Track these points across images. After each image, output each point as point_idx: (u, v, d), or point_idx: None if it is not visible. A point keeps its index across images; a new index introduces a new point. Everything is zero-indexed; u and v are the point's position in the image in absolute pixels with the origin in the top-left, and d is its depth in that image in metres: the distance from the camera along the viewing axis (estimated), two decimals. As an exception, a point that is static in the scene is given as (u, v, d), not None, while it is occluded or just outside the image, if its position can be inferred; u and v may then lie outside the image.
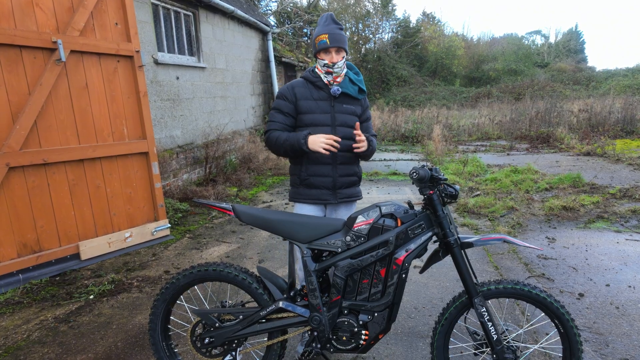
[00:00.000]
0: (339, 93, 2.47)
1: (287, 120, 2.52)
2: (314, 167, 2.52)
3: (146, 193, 3.54)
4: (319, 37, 2.41)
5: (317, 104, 2.48)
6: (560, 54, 33.35)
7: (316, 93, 2.50)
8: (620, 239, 4.54)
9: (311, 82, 2.52)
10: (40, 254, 2.90)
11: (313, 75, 2.52)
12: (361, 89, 2.57)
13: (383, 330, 2.09)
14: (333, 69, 2.44)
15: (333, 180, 2.53)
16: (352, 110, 2.54)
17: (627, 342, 2.75)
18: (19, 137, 2.74)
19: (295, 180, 2.63)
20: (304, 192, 2.58)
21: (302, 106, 2.48)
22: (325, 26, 2.42)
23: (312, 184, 2.54)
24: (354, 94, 2.53)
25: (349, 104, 2.53)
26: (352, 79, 2.55)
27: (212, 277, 2.22)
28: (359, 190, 2.71)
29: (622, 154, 9.07)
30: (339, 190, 2.57)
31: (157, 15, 6.64)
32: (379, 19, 29.38)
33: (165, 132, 6.61)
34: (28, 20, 2.76)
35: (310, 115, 2.48)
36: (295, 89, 2.51)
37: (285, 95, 2.51)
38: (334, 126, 2.49)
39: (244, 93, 9.79)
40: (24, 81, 2.78)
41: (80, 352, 2.80)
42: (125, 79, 3.36)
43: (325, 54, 2.43)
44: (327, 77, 2.48)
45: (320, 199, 2.55)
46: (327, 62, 2.42)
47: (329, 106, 2.49)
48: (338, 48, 2.42)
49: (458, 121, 15.33)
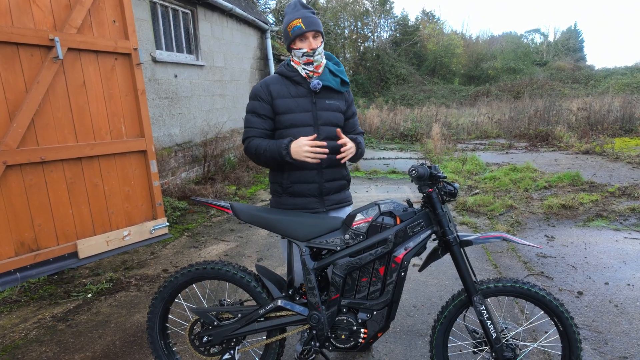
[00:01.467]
0: (319, 87, 2.21)
1: (265, 123, 2.23)
2: (297, 174, 2.26)
3: (144, 191, 3.53)
4: (291, 24, 2.16)
5: (297, 102, 2.21)
6: (559, 52, 33.36)
7: (294, 89, 2.23)
8: (619, 237, 4.54)
9: (287, 77, 2.24)
10: (38, 253, 2.89)
11: (289, 69, 2.25)
12: (343, 80, 2.30)
13: (382, 328, 2.08)
14: (314, 57, 2.17)
15: (319, 186, 2.28)
16: (336, 107, 2.29)
17: (626, 340, 2.75)
18: (16, 135, 2.72)
19: (276, 188, 2.35)
20: (287, 202, 2.32)
21: (279, 106, 2.20)
22: (294, 12, 2.18)
23: (296, 192, 2.29)
24: (336, 87, 2.27)
25: (331, 99, 2.28)
26: (332, 70, 2.28)
27: (211, 276, 2.21)
28: (349, 194, 2.47)
29: (621, 152, 9.07)
30: (326, 197, 2.33)
31: (155, 13, 6.62)
32: (378, 17, 29.36)
33: (164, 131, 6.59)
34: (25, 18, 2.74)
35: (289, 116, 2.20)
36: (270, 87, 2.22)
37: (259, 95, 2.22)
38: (316, 126, 2.23)
39: (243, 91, 9.77)
40: (21, 79, 2.76)
41: (78, 351, 2.79)
42: (123, 76, 3.34)
43: (302, 41, 2.17)
44: (307, 68, 2.20)
45: (307, 207, 2.30)
46: (305, 49, 2.16)
47: (309, 103, 2.23)
48: (315, 32, 2.17)
49: (457, 120, 15.33)
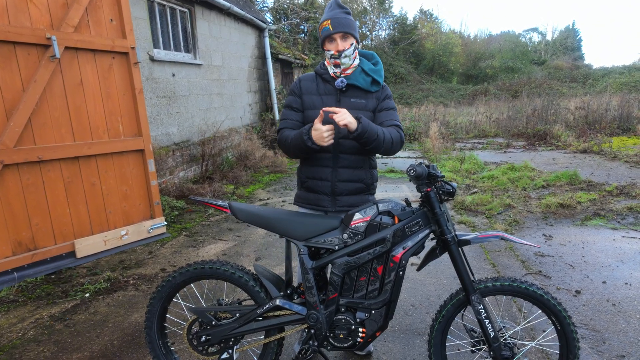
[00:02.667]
0: (343, 86, 2.21)
1: (297, 116, 2.29)
2: (312, 169, 2.31)
3: (142, 191, 3.52)
4: (322, 25, 2.16)
5: (322, 99, 2.25)
6: (557, 51, 33.40)
7: (323, 87, 2.27)
8: (616, 236, 4.55)
9: (320, 75, 2.30)
10: (36, 252, 2.88)
11: (322, 67, 2.31)
12: (375, 80, 2.25)
13: (380, 327, 2.08)
14: (340, 60, 2.15)
15: (332, 185, 2.27)
16: (363, 105, 2.24)
17: (623, 338, 2.76)
18: (13, 135, 2.71)
19: (298, 182, 2.45)
20: (303, 196, 2.40)
21: (306, 101, 2.27)
22: (328, 12, 2.17)
23: (310, 188, 2.34)
24: (364, 87, 2.23)
25: (358, 97, 2.24)
26: (366, 69, 2.24)
27: (209, 275, 2.21)
28: (366, 199, 2.35)
29: (619, 151, 9.09)
30: (338, 197, 2.29)
31: (152, 11, 6.60)
32: (376, 16, 29.34)
33: (161, 130, 6.58)
34: (22, 16, 2.73)
35: (313, 112, 2.23)
36: (302, 83, 2.31)
37: (294, 89, 2.33)
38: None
39: (241, 90, 9.75)
40: (17, 78, 2.75)
41: (76, 351, 2.78)
42: (121, 75, 3.33)
43: (330, 42, 2.16)
44: (335, 70, 2.21)
45: (318, 204, 2.32)
46: (332, 51, 2.15)
47: (334, 101, 2.24)
48: (344, 34, 2.13)
49: (455, 119, 15.34)
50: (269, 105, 11.38)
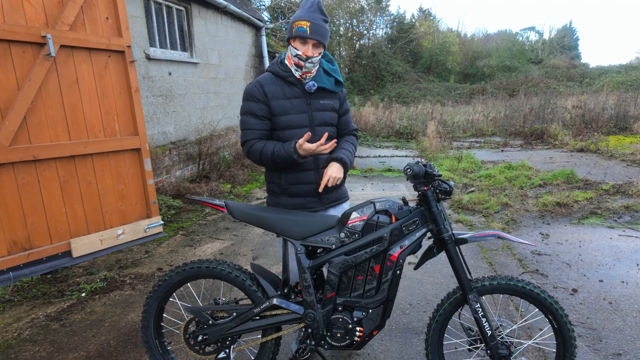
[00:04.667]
0: (314, 89, 2.21)
1: (263, 124, 2.21)
2: (294, 175, 2.27)
3: (138, 190, 3.51)
4: (298, 22, 2.08)
5: (292, 103, 2.20)
6: (554, 50, 33.45)
7: (289, 90, 2.21)
8: (613, 234, 4.56)
9: (281, 77, 2.22)
10: (31, 252, 2.86)
11: (283, 68, 2.22)
12: (337, 80, 2.29)
13: (377, 326, 2.08)
14: (305, 64, 2.13)
15: (317, 186, 2.29)
16: (331, 106, 2.29)
17: (620, 337, 2.77)
18: (8, 133, 2.69)
19: (274, 188, 2.35)
20: (286, 202, 2.32)
21: (275, 107, 2.18)
22: (308, 12, 2.10)
23: (294, 193, 2.30)
24: (330, 88, 2.27)
25: (326, 98, 2.28)
26: (327, 69, 2.26)
27: (205, 275, 2.20)
28: (345, 190, 2.49)
29: (616, 150, 9.12)
30: (324, 196, 2.34)
31: (148, 9, 6.57)
32: (373, 14, 29.31)
33: (158, 129, 6.56)
34: (17, 15, 2.71)
35: (285, 117, 2.19)
36: (265, 87, 2.19)
37: (255, 95, 2.18)
38: (312, 127, 2.24)
39: (238, 89, 9.73)
40: (12, 76, 2.73)
41: (72, 350, 2.77)
42: (117, 74, 3.31)
43: (302, 43, 2.11)
44: (297, 71, 2.19)
45: (306, 207, 2.32)
46: (300, 53, 2.11)
47: (304, 104, 2.22)
48: (318, 42, 2.11)
49: (452, 117, 15.36)
50: (266, 104, 11.34)
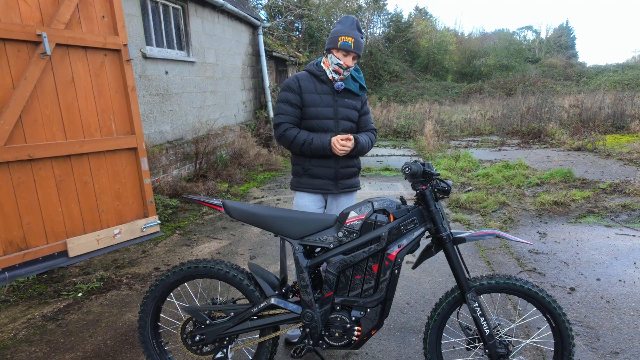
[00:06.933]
0: (342, 89, 2.59)
1: (296, 112, 2.59)
2: (318, 160, 2.63)
3: (135, 189, 3.49)
4: (344, 38, 2.48)
5: (321, 98, 2.59)
6: (551, 49, 33.54)
7: (320, 87, 2.60)
8: (610, 233, 4.57)
9: (315, 75, 2.61)
10: (27, 252, 2.84)
11: (318, 69, 2.62)
12: (362, 86, 2.70)
13: (375, 326, 2.08)
14: (343, 72, 2.55)
15: (335, 171, 2.63)
16: (353, 105, 2.67)
17: (617, 335, 2.77)
18: (4, 133, 2.67)
19: (298, 170, 2.71)
20: (307, 182, 2.67)
21: (307, 99, 2.58)
22: (351, 30, 2.51)
23: (315, 174, 2.65)
24: (355, 91, 2.66)
25: (350, 99, 2.66)
26: (354, 76, 2.67)
27: (203, 274, 2.19)
28: (358, 180, 2.83)
29: (613, 149, 9.15)
30: (340, 181, 2.67)
31: (145, 8, 6.54)
32: (371, 13, 29.30)
33: (155, 128, 6.53)
34: (11, 13, 2.69)
35: (314, 109, 2.58)
36: (300, 82, 2.59)
37: (291, 86, 2.59)
38: (336, 119, 2.61)
39: (235, 88, 9.71)
40: (7, 75, 2.71)
41: (68, 351, 2.76)
42: (113, 73, 3.29)
43: (344, 55, 2.52)
44: (334, 75, 2.57)
45: (323, 188, 2.65)
46: (342, 62, 2.51)
47: (332, 100, 2.60)
48: (357, 55, 2.54)
49: (450, 117, 15.38)
50: (263, 103, 11.33)
